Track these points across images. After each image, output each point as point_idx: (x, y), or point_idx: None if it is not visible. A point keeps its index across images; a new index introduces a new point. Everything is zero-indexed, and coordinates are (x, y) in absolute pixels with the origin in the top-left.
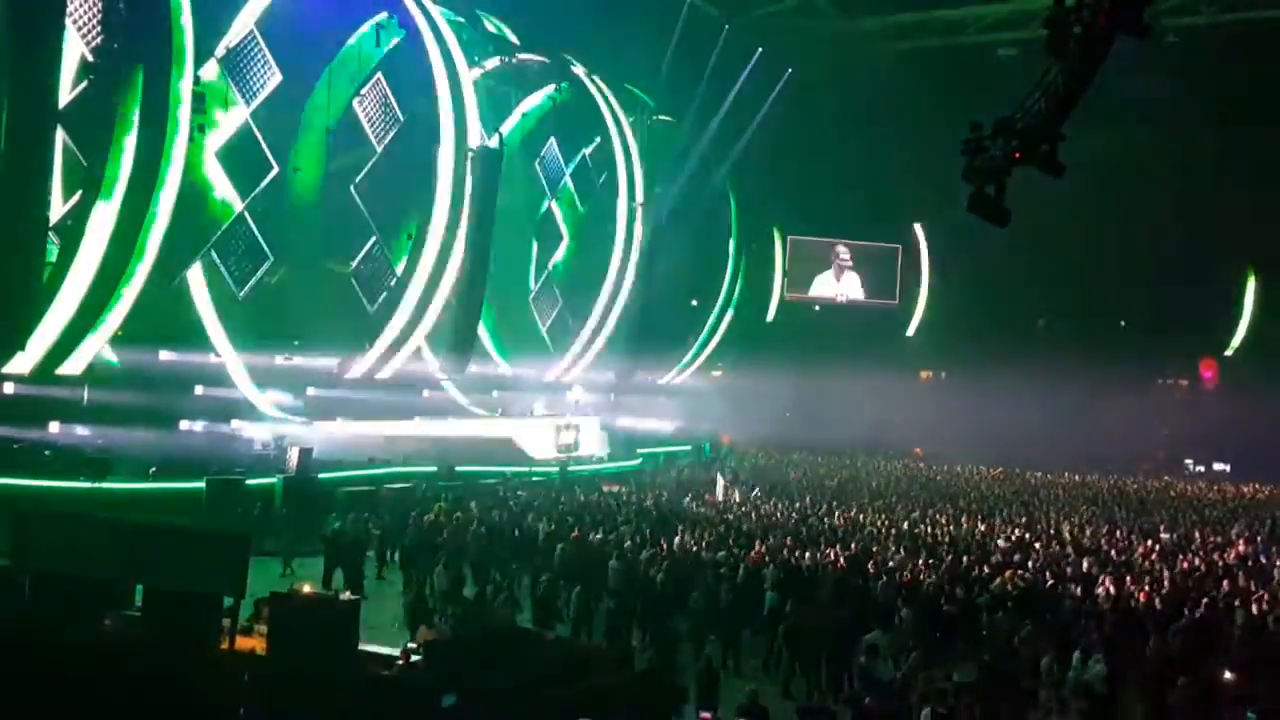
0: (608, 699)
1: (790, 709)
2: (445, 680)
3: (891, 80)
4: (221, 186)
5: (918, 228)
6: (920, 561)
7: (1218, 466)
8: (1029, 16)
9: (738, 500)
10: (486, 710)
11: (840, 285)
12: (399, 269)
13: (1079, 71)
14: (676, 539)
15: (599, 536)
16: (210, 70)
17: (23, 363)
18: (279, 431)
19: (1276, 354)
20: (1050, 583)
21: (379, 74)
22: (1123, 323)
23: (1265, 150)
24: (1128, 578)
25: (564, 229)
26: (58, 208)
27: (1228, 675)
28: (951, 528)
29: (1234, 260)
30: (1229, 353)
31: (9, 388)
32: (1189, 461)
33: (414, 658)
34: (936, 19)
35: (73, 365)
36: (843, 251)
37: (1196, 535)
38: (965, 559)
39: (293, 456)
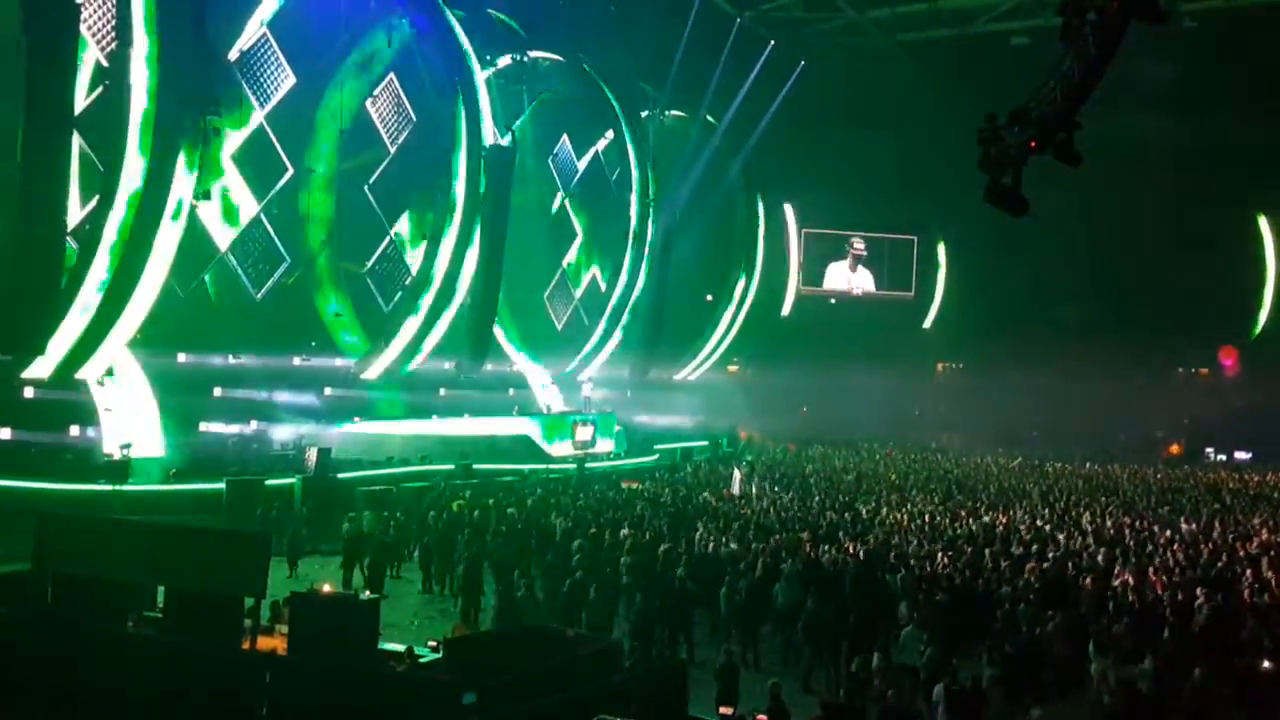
0: (626, 695)
1: (812, 704)
2: (465, 678)
3: (903, 71)
4: (237, 189)
5: (933, 219)
6: (940, 554)
7: (1239, 455)
8: (1041, 4)
9: (755, 494)
10: (506, 708)
11: (855, 277)
12: (414, 269)
13: (1094, 59)
14: (695, 534)
15: (623, 532)
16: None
17: (43, 366)
18: (299, 431)
19: None
20: (1072, 574)
21: (391, 74)
22: (1142, 312)
23: None
24: (1149, 569)
25: (578, 226)
26: (75, 212)
27: (1266, 665)
28: (971, 520)
29: (1255, 247)
30: (1250, 339)
31: (29, 391)
32: (1210, 450)
33: (428, 656)
34: (947, 9)
35: (92, 369)
36: (858, 243)
37: (1217, 525)
38: (986, 551)
39: (311, 456)
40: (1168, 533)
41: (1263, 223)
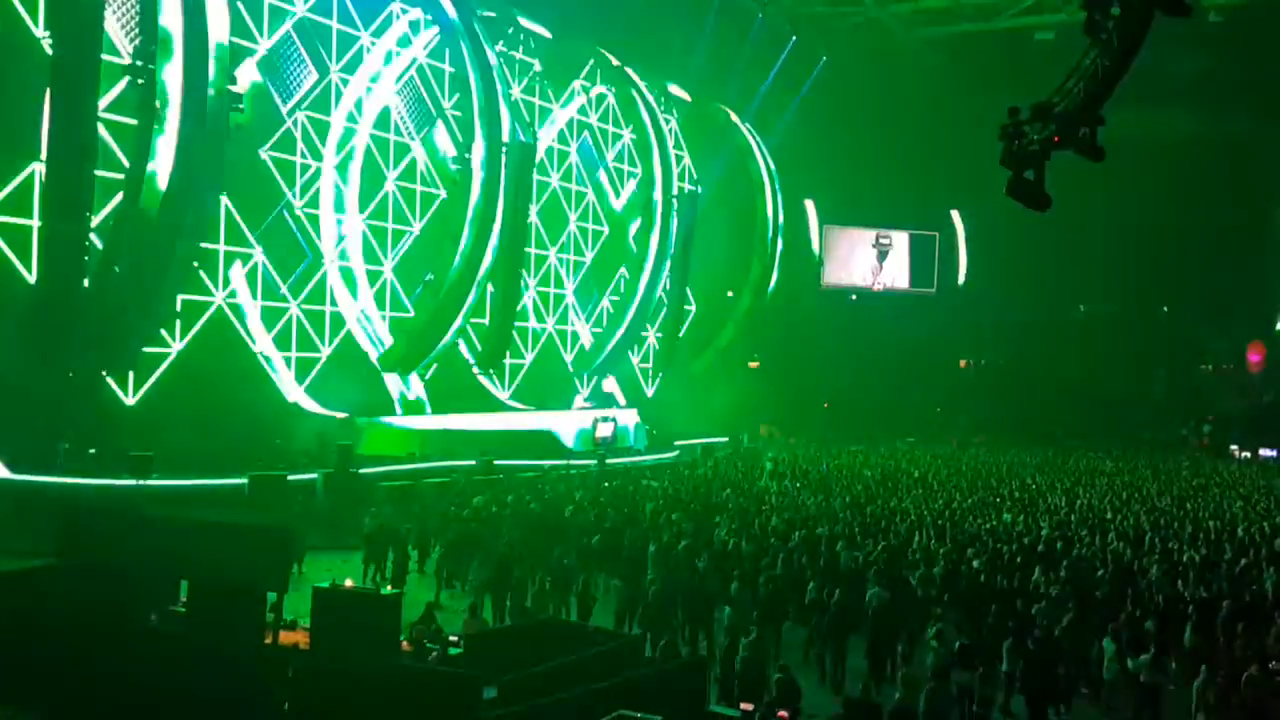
0: (646, 691)
1: (835, 700)
2: (486, 673)
3: (927, 66)
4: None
5: (955, 214)
6: (962, 552)
7: (1265, 452)
8: None
9: (776, 491)
10: (526, 703)
11: (879, 273)
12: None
13: (1118, 53)
14: (716, 531)
15: (642, 528)
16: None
17: (71, 363)
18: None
19: None
20: (1099, 572)
21: (413, 71)
22: (1166, 307)
23: None
24: (1173, 567)
25: (603, 221)
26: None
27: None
28: (994, 517)
29: None
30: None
31: None
32: (1234, 447)
33: (452, 651)
34: (969, 4)
35: (122, 365)
36: (882, 239)
37: (1241, 523)
38: (1008, 549)
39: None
40: (1190, 529)
41: None
